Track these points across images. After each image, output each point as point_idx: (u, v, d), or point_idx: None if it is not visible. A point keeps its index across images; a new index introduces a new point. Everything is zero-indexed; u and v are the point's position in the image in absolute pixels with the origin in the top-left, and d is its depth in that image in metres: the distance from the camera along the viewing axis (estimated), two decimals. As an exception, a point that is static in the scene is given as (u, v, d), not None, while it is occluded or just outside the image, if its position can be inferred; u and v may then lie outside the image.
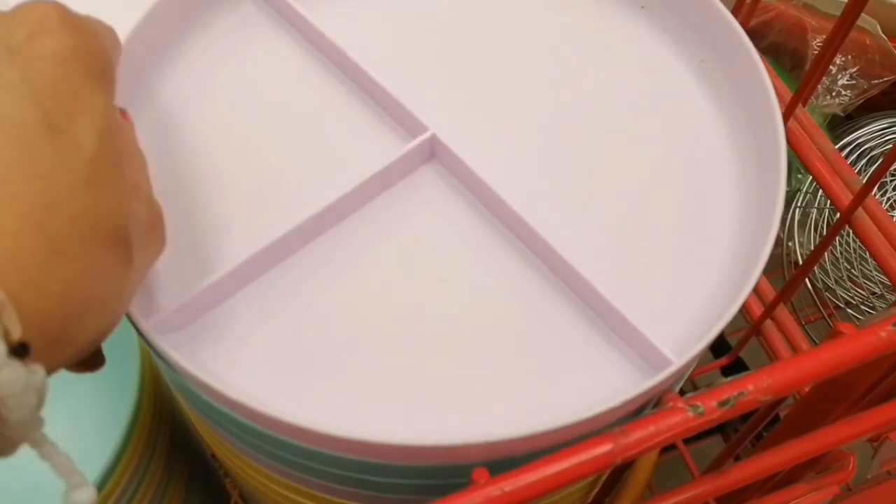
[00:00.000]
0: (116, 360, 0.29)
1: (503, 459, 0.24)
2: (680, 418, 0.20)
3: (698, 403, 0.20)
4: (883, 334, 0.21)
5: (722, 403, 0.20)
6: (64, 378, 0.22)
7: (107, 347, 0.23)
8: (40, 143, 0.19)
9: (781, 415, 0.46)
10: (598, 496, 0.29)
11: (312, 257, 0.28)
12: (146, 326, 0.24)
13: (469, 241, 0.28)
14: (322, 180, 0.29)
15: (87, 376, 0.25)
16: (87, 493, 0.19)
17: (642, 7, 0.35)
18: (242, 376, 0.25)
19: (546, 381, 0.26)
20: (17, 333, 0.17)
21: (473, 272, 0.28)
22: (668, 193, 0.30)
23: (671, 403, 0.20)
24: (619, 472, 0.26)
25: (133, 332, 0.27)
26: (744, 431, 0.29)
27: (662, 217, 0.29)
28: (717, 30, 0.33)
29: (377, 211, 0.29)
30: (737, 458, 0.49)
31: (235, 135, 0.30)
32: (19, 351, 0.17)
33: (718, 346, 0.65)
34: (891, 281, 0.36)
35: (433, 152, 0.30)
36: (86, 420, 0.41)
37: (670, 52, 0.34)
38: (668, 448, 0.63)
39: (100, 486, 0.33)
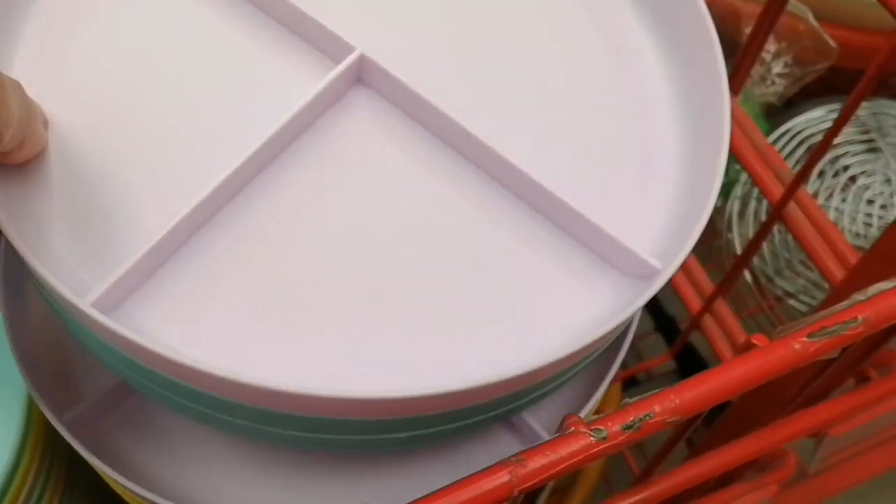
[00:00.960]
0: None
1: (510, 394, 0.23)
2: (582, 444, 0.18)
3: (601, 427, 0.18)
4: (797, 346, 0.19)
5: (626, 427, 0.19)
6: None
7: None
8: None
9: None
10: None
11: (244, 207, 0.25)
12: (83, 304, 0.22)
13: (417, 167, 0.26)
14: (237, 126, 0.26)
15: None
16: None
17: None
18: (190, 344, 0.23)
19: (523, 312, 0.25)
20: None
21: (425, 200, 0.26)
22: (613, 100, 0.28)
23: (573, 428, 0.18)
24: (533, 495, 0.24)
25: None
26: (665, 446, 0.28)
27: (612, 125, 0.28)
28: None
29: (307, 147, 0.26)
30: (691, 445, 0.48)
31: (127, 89, 0.27)
32: None
33: (671, 335, 0.64)
34: (822, 274, 0.35)
35: (361, 74, 0.27)
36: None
37: None
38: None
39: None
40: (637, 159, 0.27)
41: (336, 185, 0.26)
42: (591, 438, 0.18)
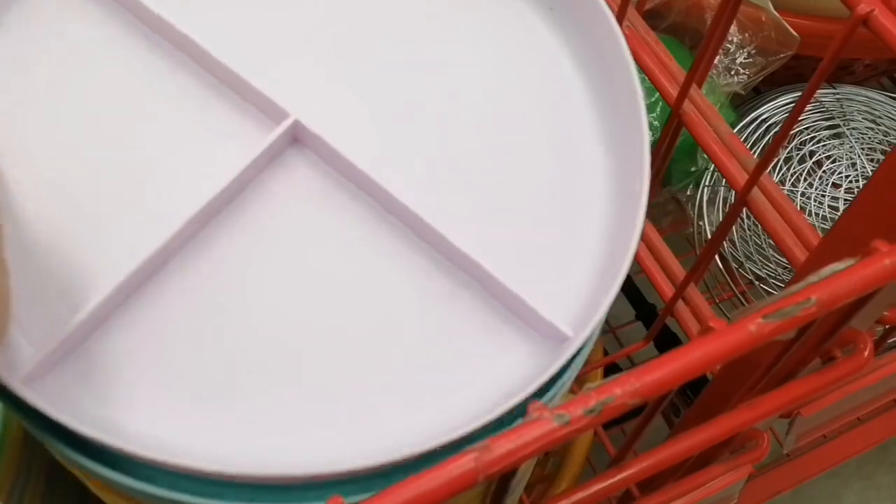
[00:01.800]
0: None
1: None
2: (546, 429, 0.19)
3: (563, 412, 0.19)
4: (752, 328, 0.20)
5: (588, 411, 0.19)
6: None
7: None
8: None
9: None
10: (496, 497, 0.28)
11: (178, 273, 0.26)
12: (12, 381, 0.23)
13: (348, 231, 0.27)
14: (171, 189, 0.27)
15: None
16: None
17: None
18: (120, 412, 0.24)
19: (442, 374, 0.26)
20: None
21: (356, 263, 0.27)
22: (536, 163, 0.29)
23: (536, 414, 0.19)
24: (506, 479, 0.25)
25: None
26: (636, 428, 0.29)
27: (534, 188, 0.29)
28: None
29: (243, 210, 0.27)
30: (671, 424, 0.49)
31: (56, 151, 0.27)
32: None
33: (652, 322, 0.65)
34: (787, 260, 0.36)
35: (297, 137, 0.28)
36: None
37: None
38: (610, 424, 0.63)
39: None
40: (560, 222, 0.28)
41: (269, 248, 0.27)
42: (555, 423, 0.19)
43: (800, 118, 0.39)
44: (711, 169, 0.54)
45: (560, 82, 0.31)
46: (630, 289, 0.66)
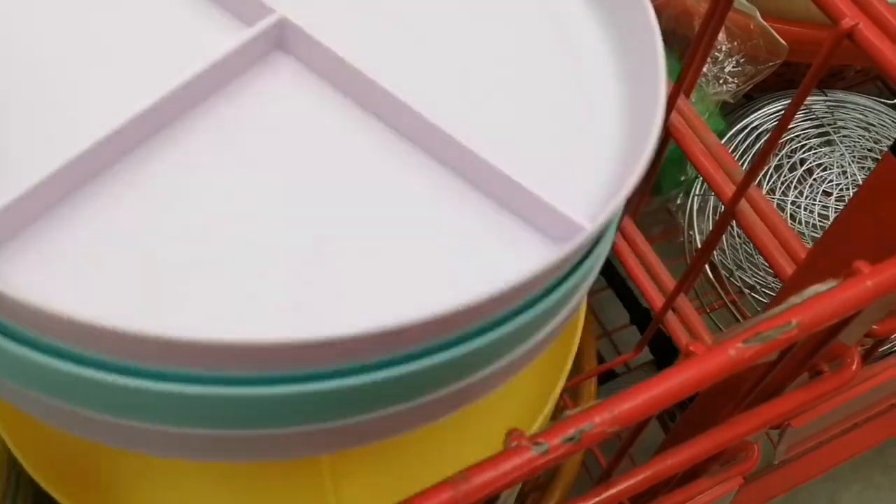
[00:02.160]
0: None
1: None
2: (525, 458, 0.19)
3: (542, 441, 0.19)
4: (732, 353, 0.20)
5: (567, 439, 0.19)
6: None
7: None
8: None
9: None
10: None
11: (147, 160, 0.24)
12: None
13: (338, 130, 0.26)
14: (144, 78, 0.25)
15: None
16: None
17: None
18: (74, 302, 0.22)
19: (447, 272, 0.24)
20: None
21: (344, 162, 0.25)
22: (541, 54, 0.28)
23: (515, 442, 0.19)
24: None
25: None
26: (619, 452, 0.29)
27: (541, 81, 0.27)
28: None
29: (219, 106, 0.26)
30: (667, 429, 0.48)
31: (27, 32, 0.26)
32: None
33: (646, 324, 0.64)
34: (775, 271, 0.35)
35: (282, 40, 0.27)
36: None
37: None
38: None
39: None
40: (571, 122, 0.27)
41: (250, 144, 0.25)
42: (533, 452, 0.19)
43: (790, 125, 0.39)
44: (701, 178, 0.53)
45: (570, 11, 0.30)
46: (624, 293, 0.66)
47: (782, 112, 0.56)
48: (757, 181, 0.37)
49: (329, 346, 0.20)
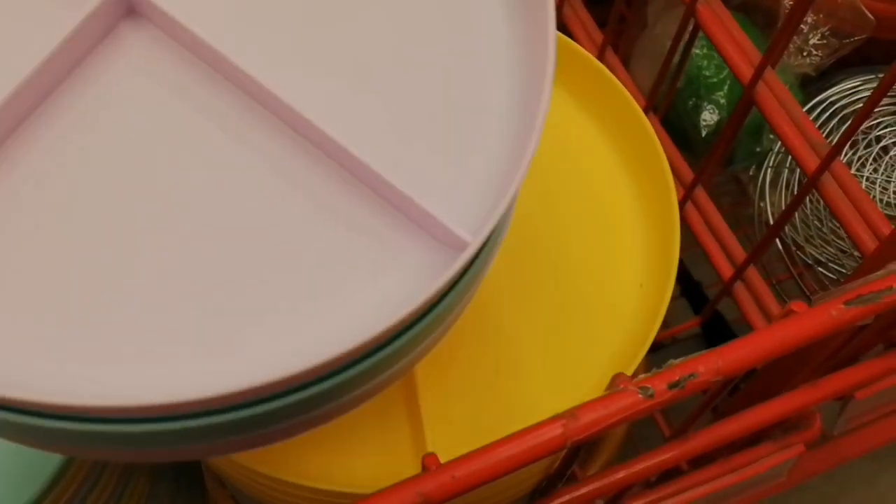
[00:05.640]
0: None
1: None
2: (630, 401, 0.20)
3: (648, 386, 0.20)
4: (834, 312, 0.21)
5: (672, 385, 0.20)
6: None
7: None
8: None
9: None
10: (560, 468, 0.29)
11: None
12: None
13: (201, 121, 0.22)
14: None
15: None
16: None
17: None
18: None
19: (326, 285, 0.21)
20: None
21: (213, 156, 0.22)
22: (432, 56, 0.24)
23: (622, 386, 0.20)
24: (575, 449, 0.26)
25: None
26: (702, 404, 0.30)
27: (427, 84, 0.24)
28: None
29: (72, 91, 0.22)
30: (715, 410, 0.49)
31: None
32: None
33: (697, 300, 0.65)
34: (855, 245, 0.36)
35: (133, 7, 0.23)
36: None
37: None
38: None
39: (59, 476, 0.33)
40: (459, 121, 0.24)
41: (110, 134, 0.22)
42: (640, 395, 0.20)
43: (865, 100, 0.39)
44: (776, 150, 0.53)
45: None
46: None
47: (858, 88, 0.55)
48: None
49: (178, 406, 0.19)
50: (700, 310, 0.58)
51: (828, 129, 0.54)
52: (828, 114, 0.54)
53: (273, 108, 0.23)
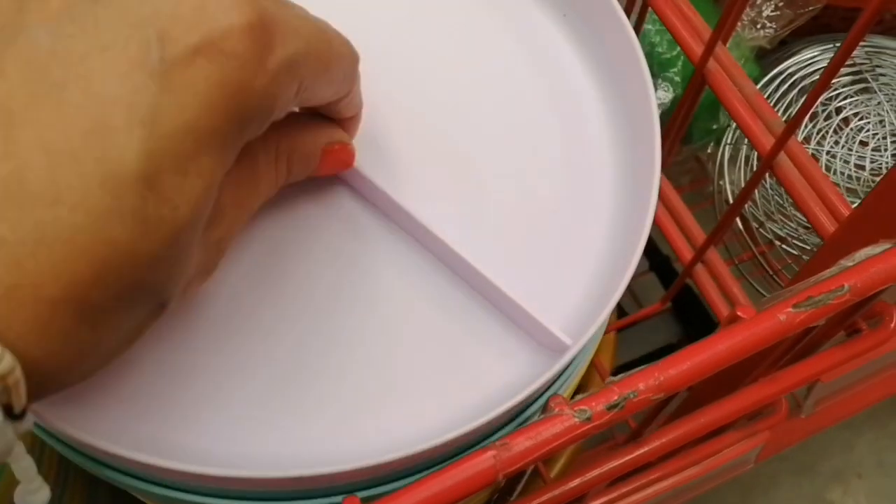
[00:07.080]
0: None
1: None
2: (566, 425, 0.18)
3: (585, 408, 0.18)
4: (782, 317, 0.19)
5: (611, 406, 0.18)
6: None
7: None
8: (122, 204, 0.16)
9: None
10: (508, 485, 0.27)
11: None
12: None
13: (338, 226, 0.27)
14: None
15: None
16: (44, 496, 0.19)
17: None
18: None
19: (436, 379, 0.25)
20: (19, 407, 0.16)
21: (344, 261, 0.26)
22: (545, 174, 0.28)
23: (557, 409, 0.18)
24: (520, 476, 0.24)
25: None
26: (648, 416, 0.28)
27: (541, 198, 0.28)
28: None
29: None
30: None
31: None
32: (15, 416, 0.16)
33: (666, 275, 0.64)
34: (813, 226, 0.34)
35: None
36: None
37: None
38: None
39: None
40: (565, 233, 0.27)
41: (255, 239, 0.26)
42: (576, 419, 0.18)
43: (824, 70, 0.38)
44: (733, 126, 0.52)
45: (572, 89, 0.30)
46: (645, 247, 0.65)
47: (817, 58, 0.54)
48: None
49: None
50: (669, 284, 0.57)
51: (787, 102, 0.52)
52: (786, 85, 0.53)
53: (410, 228, 0.27)
